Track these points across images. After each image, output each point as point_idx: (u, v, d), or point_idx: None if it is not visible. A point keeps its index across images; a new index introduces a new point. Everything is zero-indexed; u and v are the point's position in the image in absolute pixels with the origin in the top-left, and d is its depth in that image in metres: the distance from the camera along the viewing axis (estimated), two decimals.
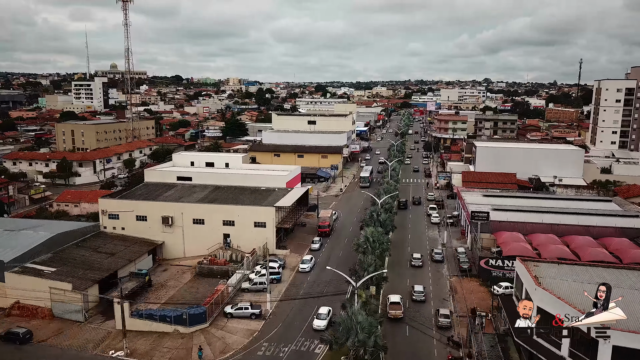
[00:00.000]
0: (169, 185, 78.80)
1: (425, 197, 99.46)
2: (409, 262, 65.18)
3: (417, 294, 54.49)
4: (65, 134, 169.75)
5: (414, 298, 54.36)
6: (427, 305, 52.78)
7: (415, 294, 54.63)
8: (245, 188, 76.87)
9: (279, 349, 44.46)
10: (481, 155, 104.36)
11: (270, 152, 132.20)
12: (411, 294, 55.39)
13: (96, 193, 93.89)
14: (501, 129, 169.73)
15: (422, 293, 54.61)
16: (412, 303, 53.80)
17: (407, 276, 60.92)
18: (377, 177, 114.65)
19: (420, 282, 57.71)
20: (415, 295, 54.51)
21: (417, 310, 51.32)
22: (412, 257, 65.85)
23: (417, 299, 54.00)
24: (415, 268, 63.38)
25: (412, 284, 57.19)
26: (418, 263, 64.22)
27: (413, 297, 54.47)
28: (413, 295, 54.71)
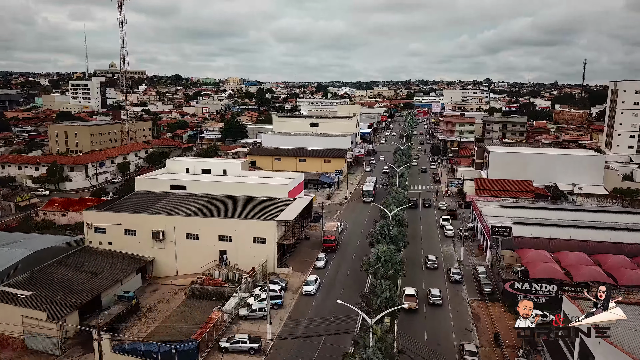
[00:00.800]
0: (161, 195, 72.84)
1: (436, 206, 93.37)
2: (423, 265, 64.25)
3: (434, 298, 53.32)
4: (59, 136, 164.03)
5: (430, 302, 53.07)
6: (448, 337, 46.76)
7: (432, 298, 53.40)
8: (244, 198, 70.93)
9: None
10: (494, 161, 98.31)
11: (271, 156, 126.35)
12: (427, 297, 54.10)
13: (85, 201, 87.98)
14: (510, 131, 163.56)
15: (439, 297, 53.39)
16: (428, 307, 52.54)
17: (422, 279, 59.91)
18: (381, 188, 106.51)
19: (438, 308, 51.84)
20: (432, 299, 53.27)
21: (434, 314, 48.91)
22: (427, 259, 64.75)
23: (434, 303, 52.82)
24: (430, 270, 62.53)
25: (428, 288, 56.12)
26: (433, 265, 63.28)
27: (430, 301, 53.17)
28: (430, 299, 53.36)
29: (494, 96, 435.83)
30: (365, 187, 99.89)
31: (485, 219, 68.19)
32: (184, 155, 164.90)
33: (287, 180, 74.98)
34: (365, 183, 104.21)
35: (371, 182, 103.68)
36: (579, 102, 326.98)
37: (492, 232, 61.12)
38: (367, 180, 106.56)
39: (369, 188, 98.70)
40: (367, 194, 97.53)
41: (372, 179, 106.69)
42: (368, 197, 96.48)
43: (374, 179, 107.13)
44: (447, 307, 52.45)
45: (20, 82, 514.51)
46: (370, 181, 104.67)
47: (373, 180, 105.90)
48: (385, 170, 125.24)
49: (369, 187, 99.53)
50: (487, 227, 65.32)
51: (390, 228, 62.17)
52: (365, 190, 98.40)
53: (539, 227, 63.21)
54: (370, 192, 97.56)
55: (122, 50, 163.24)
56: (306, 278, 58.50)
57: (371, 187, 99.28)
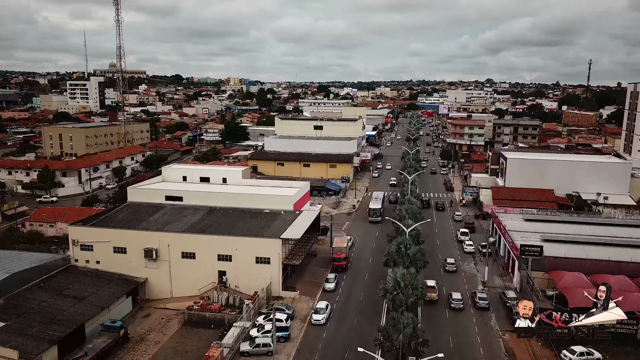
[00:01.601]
0: (155, 207, 66.84)
1: (451, 217, 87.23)
2: (442, 268, 63.58)
3: (456, 302, 52.67)
4: (53, 138, 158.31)
5: (452, 306, 52.47)
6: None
7: (453, 302, 52.75)
8: (246, 211, 64.93)
9: None
10: (512, 168, 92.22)
11: (273, 160, 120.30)
12: (449, 301, 53.29)
13: (75, 212, 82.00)
14: (522, 134, 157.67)
15: (461, 301, 52.89)
16: (450, 311, 51.82)
17: (442, 282, 58.82)
18: (390, 204, 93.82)
19: (466, 342, 45.84)
20: (454, 302, 52.66)
21: (462, 349, 44.82)
22: (445, 262, 64.42)
23: (456, 307, 52.27)
24: (450, 273, 62.20)
25: (449, 292, 55.35)
26: (452, 268, 63.08)
27: (451, 305, 52.55)
28: (451, 303, 52.69)
29: (498, 97, 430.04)
30: (372, 205, 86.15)
31: (510, 234, 62.17)
32: (182, 158, 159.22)
33: (292, 191, 68.96)
34: (372, 200, 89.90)
35: (378, 198, 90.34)
36: (586, 103, 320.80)
37: (521, 251, 55.11)
38: (373, 196, 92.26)
39: (376, 206, 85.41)
40: (375, 212, 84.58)
41: (379, 194, 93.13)
42: (376, 216, 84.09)
43: (381, 195, 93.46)
44: (475, 339, 46.33)
45: (19, 81, 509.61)
46: (377, 197, 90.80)
47: (380, 195, 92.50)
48: (393, 182, 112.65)
49: (376, 204, 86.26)
50: (514, 244, 59.35)
51: (407, 246, 56.18)
52: (373, 209, 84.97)
53: (572, 245, 57.21)
54: (378, 210, 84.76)
55: (119, 50, 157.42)
56: (315, 304, 52.47)
57: (379, 204, 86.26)
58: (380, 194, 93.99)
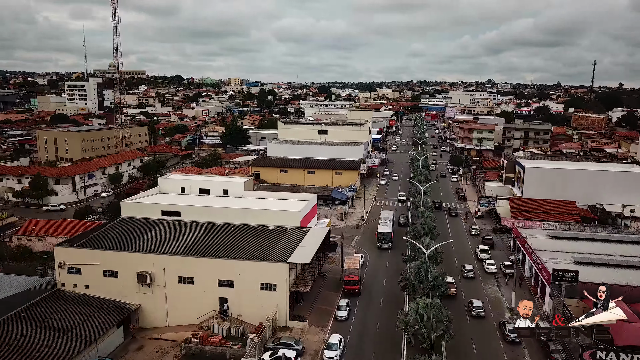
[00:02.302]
0: (151, 223, 61.60)
1: (467, 230, 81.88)
2: (460, 274, 62.87)
3: (477, 310, 52.28)
4: (48, 143, 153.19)
5: (473, 313, 52.00)
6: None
7: (474, 310, 52.29)
8: (249, 227, 59.68)
9: None
10: (530, 178, 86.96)
11: (276, 167, 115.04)
12: (469, 309, 52.83)
13: (65, 225, 76.84)
14: (532, 139, 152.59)
15: (482, 309, 52.38)
16: (471, 319, 51.41)
17: (461, 289, 58.38)
18: (400, 222, 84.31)
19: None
20: (475, 310, 52.24)
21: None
22: (463, 268, 63.64)
23: (477, 315, 51.85)
24: (468, 280, 61.70)
25: (469, 299, 54.99)
26: (470, 274, 62.40)
27: (472, 313, 52.09)
28: (472, 311, 52.24)
29: (501, 98, 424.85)
30: (381, 228, 75.29)
31: (538, 255, 56.89)
32: (181, 163, 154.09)
33: (299, 205, 63.65)
34: (381, 222, 78.07)
35: (388, 219, 78.97)
36: (593, 105, 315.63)
37: (553, 277, 49.81)
38: (382, 217, 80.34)
39: (385, 230, 74.69)
40: (384, 237, 73.91)
41: (389, 215, 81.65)
42: (385, 241, 73.76)
43: (390, 215, 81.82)
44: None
45: (18, 82, 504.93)
46: (386, 218, 79.48)
47: (390, 216, 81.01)
48: (402, 197, 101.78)
49: (385, 227, 75.46)
50: (543, 266, 54.11)
51: (427, 269, 50.94)
52: (382, 233, 74.21)
53: (609, 268, 51.90)
54: (388, 235, 74.14)
55: (116, 51, 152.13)
56: (326, 336, 47.17)
57: (388, 227, 75.66)
58: (390, 214, 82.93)
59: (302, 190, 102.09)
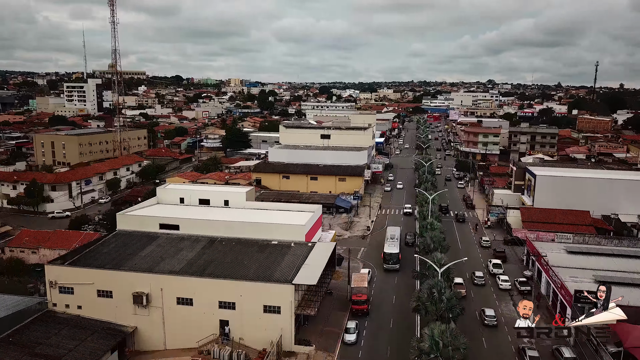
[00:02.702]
0: (148, 237, 58.70)
1: (477, 241, 78.88)
2: (470, 281, 62.56)
3: (489, 319, 51.86)
4: (45, 146, 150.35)
5: (485, 322, 51.73)
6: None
7: (487, 319, 51.84)
8: (251, 242, 56.81)
9: None
10: (542, 187, 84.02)
11: (278, 173, 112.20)
12: (482, 318, 52.41)
13: (60, 236, 73.94)
14: (539, 143, 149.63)
15: (494, 317, 52.01)
16: (483, 327, 51.24)
17: (471, 297, 58.12)
18: (407, 241, 77.34)
19: None
20: (487, 319, 51.82)
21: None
22: (474, 276, 63.35)
23: (489, 324, 51.58)
24: (478, 287, 61.45)
25: (481, 307, 54.50)
26: (481, 282, 62.33)
27: (485, 322, 51.78)
28: (485, 320, 51.84)
29: (503, 99, 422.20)
30: (388, 248, 68.56)
31: (556, 272, 53.98)
32: (181, 167, 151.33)
33: (303, 218, 60.69)
34: (387, 240, 70.96)
35: (394, 237, 71.86)
36: (596, 107, 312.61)
37: (575, 298, 46.94)
38: (388, 234, 73.37)
39: (392, 250, 68.05)
40: (391, 258, 67.15)
41: (395, 232, 74.45)
42: (392, 262, 67.03)
43: (397, 232, 74.65)
44: None
45: (18, 82, 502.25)
46: (393, 236, 72.26)
47: (396, 234, 73.81)
48: (408, 210, 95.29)
49: (392, 247, 68.76)
50: (563, 286, 51.25)
51: (441, 290, 47.99)
52: (389, 254, 67.39)
53: (634, 288, 48.94)
54: (396, 255, 67.48)
55: (115, 54, 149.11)
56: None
57: (396, 247, 69.05)
58: (396, 230, 75.79)
59: (305, 197, 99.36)
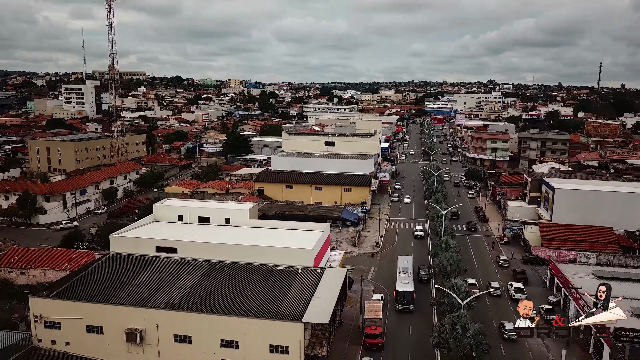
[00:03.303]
0: (144, 261, 54.26)
1: (494, 260, 74.25)
2: (486, 293, 60.50)
3: (509, 333, 50.11)
4: (40, 152, 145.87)
5: (505, 336, 50.80)
6: None
7: (507, 333, 50.70)
8: (255, 268, 52.36)
9: None
10: (561, 201, 79.48)
11: (281, 183, 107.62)
12: (501, 332, 51.61)
13: (51, 255, 69.39)
14: (550, 149, 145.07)
15: (514, 332, 46.96)
16: (503, 341, 50.47)
17: (488, 308, 57.47)
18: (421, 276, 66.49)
19: None
20: (507, 334, 50.60)
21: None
22: (490, 286, 62.15)
23: (509, 338, 50.41)
24: (495, 297, 60.71)
25: (500, 321, 53.75)
26: (497, 292, 61.24)
27: (504, 336, 50.84)
28: (504, 334, 50.91)
29: (506, 101, 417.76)
30: (400, 286, 58.29)
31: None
32: (180, 174, 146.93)
33: (311, 240, 56.23)
34: (399, 276, 60.46)
35: (407, 271, 61.41)
36: (603, 109, 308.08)
37: (615, 337, 42.46)
38: (399, 268, 62.48)
39: (406, 288, 57.82)
40: (404, 297, 57.41)
41: (408, 264, 63.63)
42: (407, 302, 57.50)
43: (410, 263, 64.10)
44: None
45: (17, 82, 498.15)
46: (405, 269, 61.73)
47: (409, 265, 63.35)
48: (419, 234, 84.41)
49: (405, 285, 58.43)
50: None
51: (465, 326, 43.53)
52: (402, 293, 57.44)
53: None
54: (410, 294, 57.50)
55: (112, 57, 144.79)
56: None
57: (409, 284, 58.68)
58: (409, 261, 65.20)
59: (310, 210, 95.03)
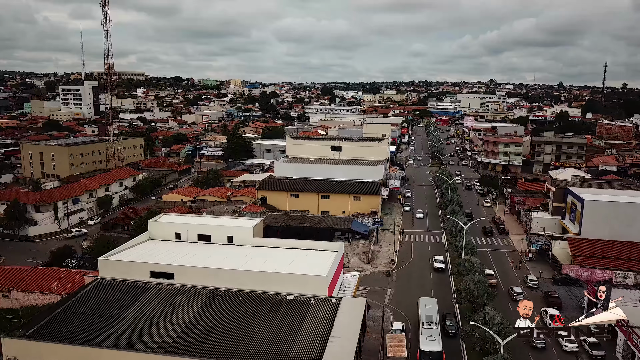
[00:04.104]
0: (136, 289, 48.06)
1: (521, 279, 67.97)
2: (509, 297, 61.20)
3: (538, 341, 49.26)
4: (33, 157, 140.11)
5: (534, 345, 49.86)
6: None
7: (535, 341, 49.25)
8: (262, 296, 46.18)
9: None
10: (591, 214, 73.24)
11: (286, 191, 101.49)
12: (531, 343, 49.79)
13: (36, 275, 63.24)
14: (565, 153, 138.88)
15: (543, 340, 48.85)
16: (531, 349, 49.67)
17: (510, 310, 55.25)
18: (448, 328, 53.07)
19: None
20: (536, 342, 49.39)
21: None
22: (512, 291, 62.09)
23: (538, 346, 49.79)
24: (517, 302, 52.37)
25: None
26: (520, 297, 59.22)
27: (533, 344, 49.72)
28: (533, 342, 49.55)
29: (509, 101, 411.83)
30: (425, 344, 46.96)
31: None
32: (179, 180, 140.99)
33: (324, 265, 49.99)
34: (423, 328, 49.21)
35: (432, 321, 50.08)
36: (610, 110, 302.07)
37: None
38: (423, 317, 51.01)
39: (433, 347, 46.43)
40: (431, 358, 46.12)
41: (432, 310, 52.22)
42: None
43: (434, 309, 52.50)
44: None
45: (15, 83, 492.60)
46: (429, 319, 50.39)
47: (433, 312, 51.72)
48: (439, 266, 69.91)
49: (431, 343, 46.94)
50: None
51: None
52: (428, 353, 46.25)
53: None
54: (438, 355, 46.04)
55: (107, 57, 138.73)
56: None
57: (437, 342, 47.07)
58: (432, 305, 53.51)
59: (317, 221, 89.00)
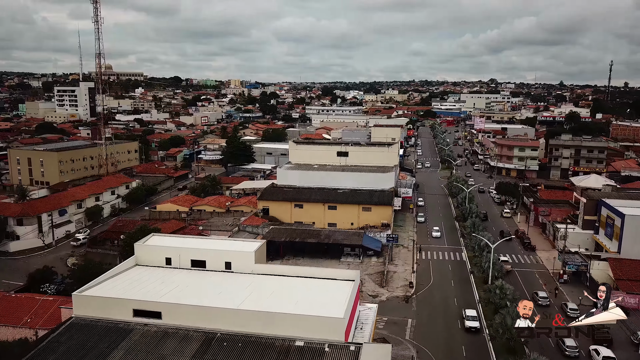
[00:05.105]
0: (117, 331, 40.34)
1: (559, 307, 60.09)
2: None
3: (571, 350, 46.17)
4: (21, 163, 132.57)
5: (567, 353, 46.56)
6: None
7: (568, 349, 46.40)
8: (266, 342, 38.47)
9: None
10: (633, 231, 65.51)
11: (289, 201, 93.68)
12: (561, 348, 46.91)
13: (8, 304, 55.41)
14: (585, 158, 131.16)
15: (576, 348, 45.86)
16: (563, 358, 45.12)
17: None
18: None
19: None
20: (569, 350, 46.58)
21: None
22: (537, 296, 60.77)
23: (571, 355, 46.52)
24: (542, 307, 56.82)
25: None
26: (545, 302, 59.40)
27: (566, 352, 46.72)
28: (566, 351, 46.73)
29: (513, 100, 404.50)
30: None
31: None
32: (175, 187, 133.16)
33: (339, 303, 42.06)
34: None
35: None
36: (619, 110, 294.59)
37: None
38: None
39: None
40: None
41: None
42: None
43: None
44: None
45: (13, 84, 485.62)
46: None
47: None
48: (473, 326, 53.29)
49: None
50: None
51: None
52: None
53: None
54: None
55: (99, 57, 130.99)
56: None
57: None
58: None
59: (324, 236, 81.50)
